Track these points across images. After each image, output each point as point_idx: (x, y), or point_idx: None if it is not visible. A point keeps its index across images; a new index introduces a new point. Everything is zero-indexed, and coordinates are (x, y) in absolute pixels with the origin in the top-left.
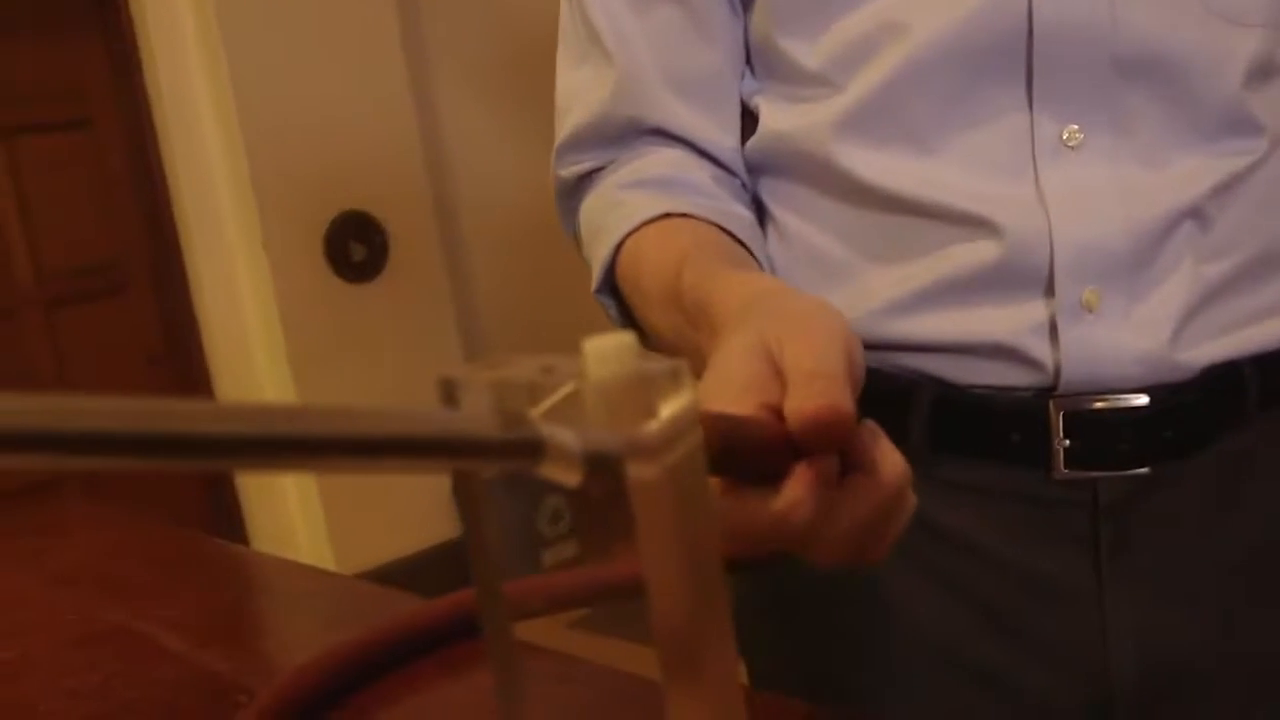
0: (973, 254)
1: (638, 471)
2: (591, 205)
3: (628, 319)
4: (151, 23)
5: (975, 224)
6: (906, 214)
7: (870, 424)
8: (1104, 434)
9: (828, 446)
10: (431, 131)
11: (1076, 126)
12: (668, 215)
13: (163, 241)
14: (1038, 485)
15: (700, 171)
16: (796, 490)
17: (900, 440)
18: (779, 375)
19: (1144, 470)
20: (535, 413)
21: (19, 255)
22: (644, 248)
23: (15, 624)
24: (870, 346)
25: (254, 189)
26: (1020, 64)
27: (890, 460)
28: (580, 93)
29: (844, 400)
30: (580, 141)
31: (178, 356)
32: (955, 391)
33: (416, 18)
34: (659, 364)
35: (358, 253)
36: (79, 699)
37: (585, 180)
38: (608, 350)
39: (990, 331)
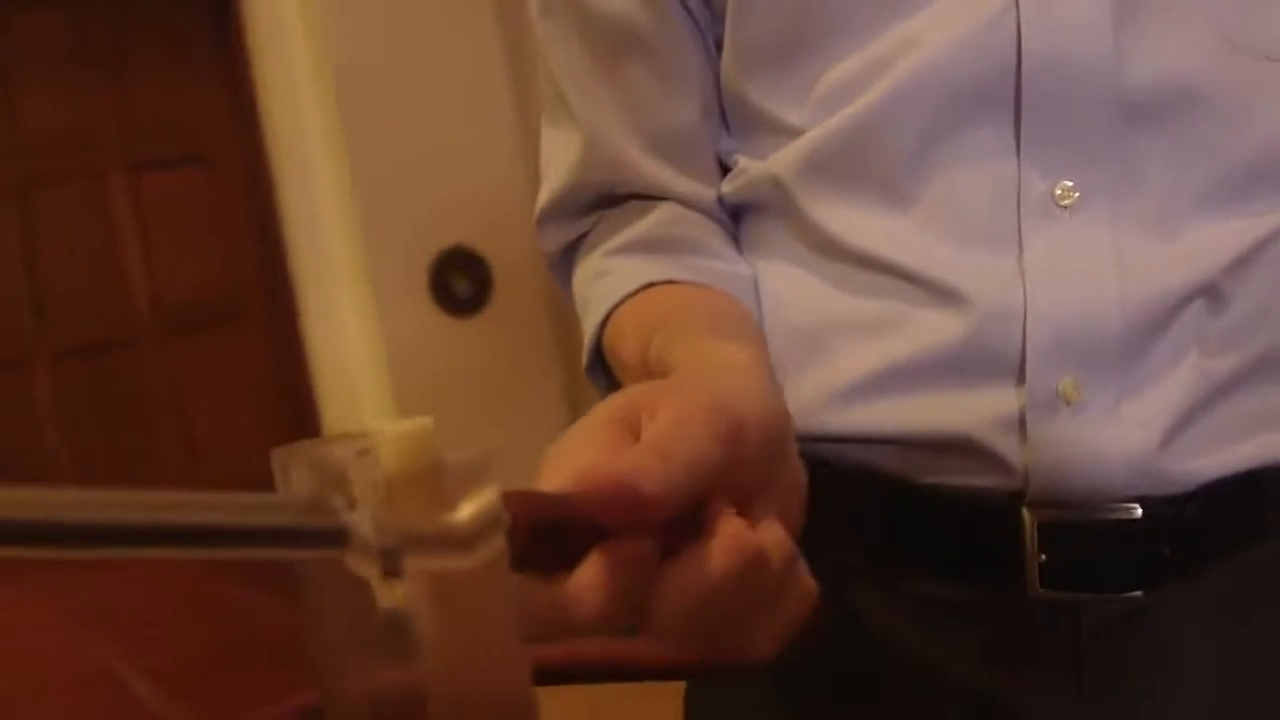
0: (936, 330)
1: (416, 566)
2: (580, 275)
3: None
4: (268, 64)
5: (941, 293)
6: (869, 270)
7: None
8: (1087, 549)
9: (620, 526)
10: (536, 167)
11: (1071, 183)
12: (650, 285)
13: (275, 276)
14: (1010, 605)
15: (694, 226)
16: (584, 575)
17: (852, 547)
18: (634, 443)
19: (1135, 593)
20: (340, 500)
21: (138, 287)
22: (624, 321)
23: (17, 659)
24: (822, 439)
25: (362, 225)
26: (1008, 106)
27: (730, 536)
28: (553, 157)
29: (653, 477)
30: (555, 212)
31: (287, 388)
32: (916, 492)
33: (523, 57)
34: (458, 454)
35: (462, 287)
36: None
37: (575, 245)
38: (400, 439)
39: (952, 423)
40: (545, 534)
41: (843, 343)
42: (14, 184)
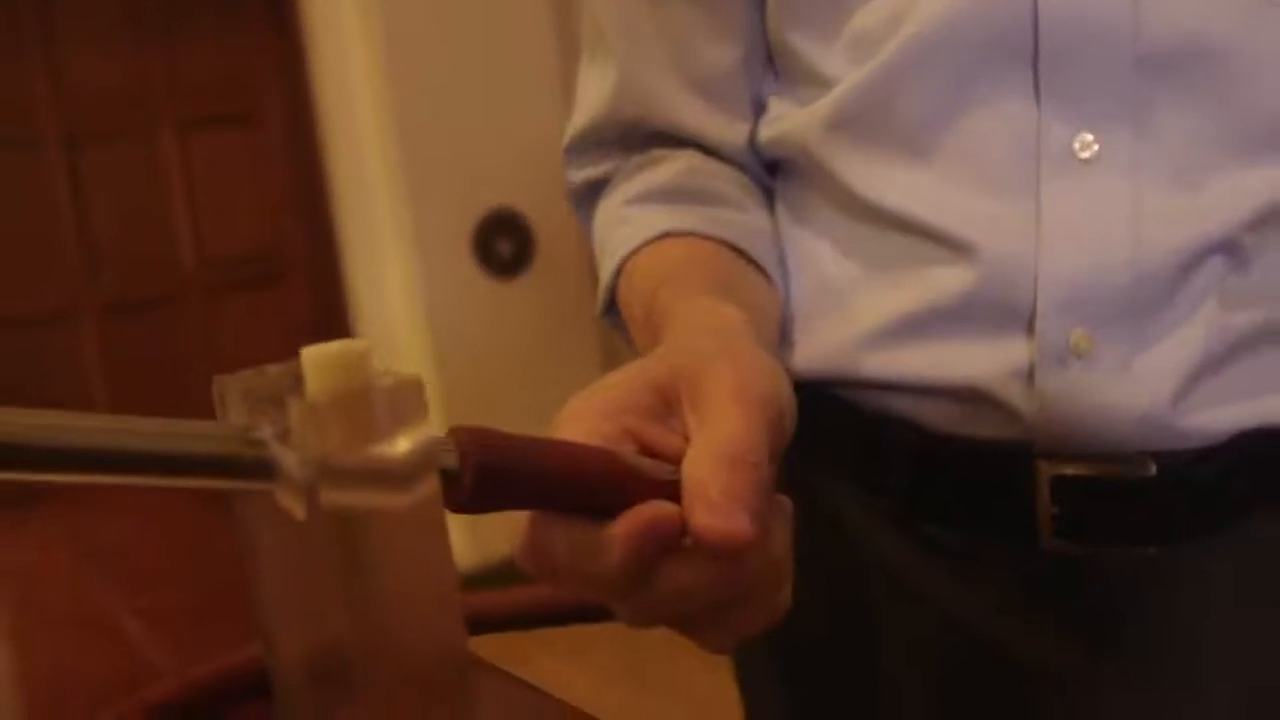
0: (950, 280)
1: (342, 501)
2: (600, 220)
3: None
4: (319, 24)
5: (955, 245)
6: (891, 229)
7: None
8: (1100, 504)
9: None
10: None
11: (1091, 136)
12: (668, 234)
13: (320, 235)
14: (1024, 557)
15: (715, 178)
16: (621, 526)
17: (877, 490)
18: (666, 415)
19: (1148, 550)
20: (270, 431)
21: (185, 243)
22: (637, 270)
23: (20, 598)
24: (850, 383)
25: (407, 186)
26: (1026, 60)
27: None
28: (586, 90)
29: (756, 514)
30: (584, 144)
31: None
32: (936, 441)
33: (570, 20)
34: (390, 379)
35: (505, 249)
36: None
37: (596, 187)
38: (330, 360)
39: (964, 373)
40: (496, 478)
41: (862, 294)
42: (64, 140)
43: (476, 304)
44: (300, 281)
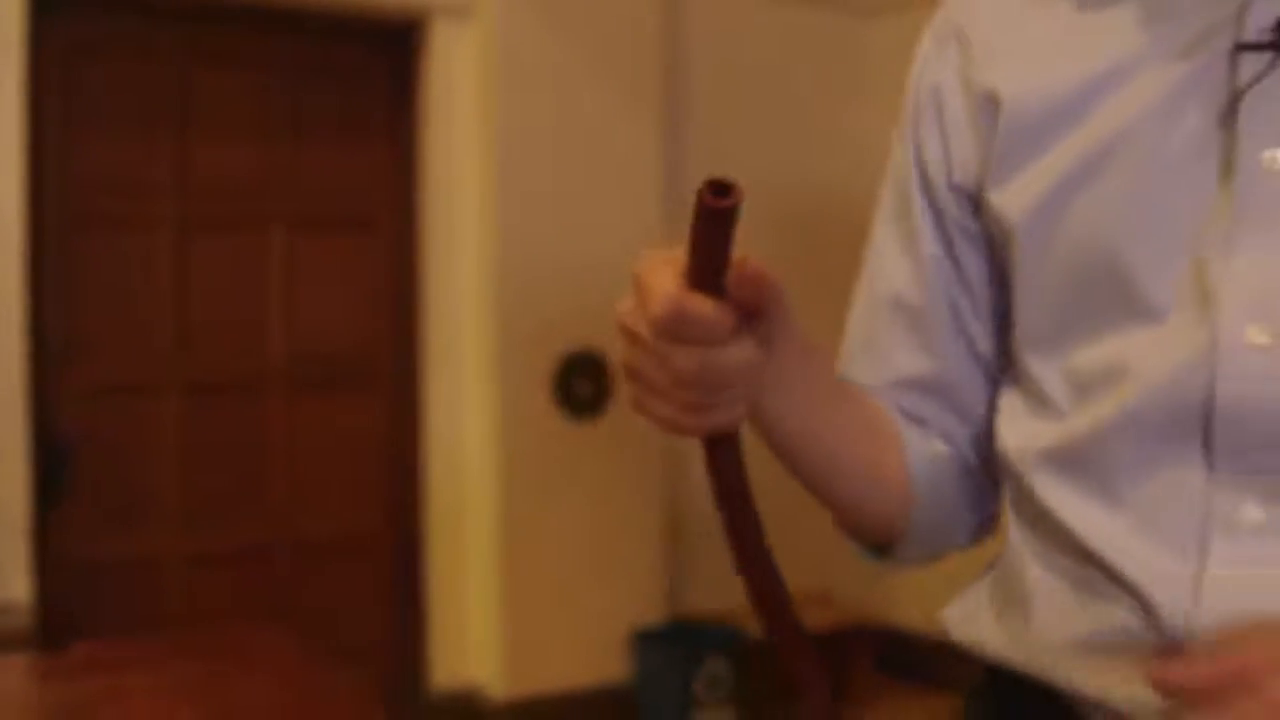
0: (1122, 617)
1: None
2: None
3: None
4: (435, 147)
5: (1130, 590)
6: (1083, 562)
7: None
8: None
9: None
10: None
11: (1261, 511)
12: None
13: (405, 350)
14: None
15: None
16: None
17: None
18: None
19: None
20: None
21: (276, 337)
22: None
23: None
24: (1045, 681)
25: (496, 316)
26: (1196, 435)
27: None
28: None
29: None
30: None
31: (399, 458)
32: None
33: (677, 177)
34: None
35: (584, 390)
36: None
37: None
38: None
39: (1126, 696)
40: None
41: (1052, 609)
42: (178, 221)
43: (549, 441)
44: (380, 392)
